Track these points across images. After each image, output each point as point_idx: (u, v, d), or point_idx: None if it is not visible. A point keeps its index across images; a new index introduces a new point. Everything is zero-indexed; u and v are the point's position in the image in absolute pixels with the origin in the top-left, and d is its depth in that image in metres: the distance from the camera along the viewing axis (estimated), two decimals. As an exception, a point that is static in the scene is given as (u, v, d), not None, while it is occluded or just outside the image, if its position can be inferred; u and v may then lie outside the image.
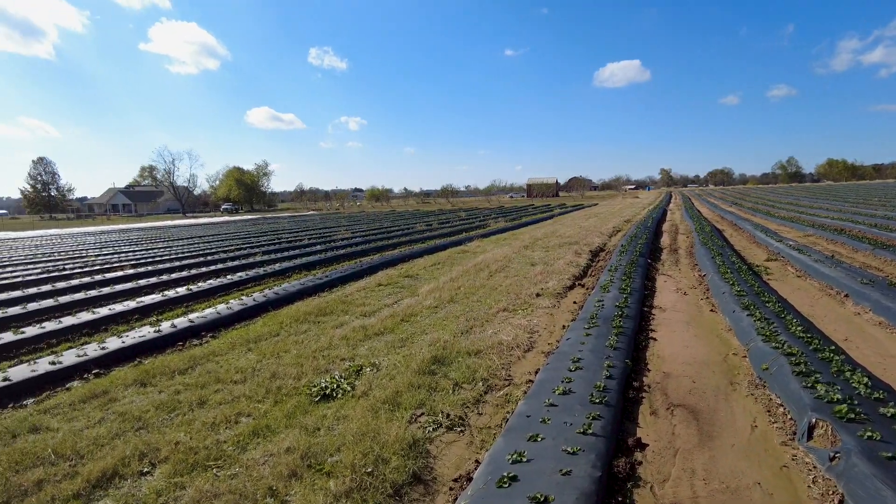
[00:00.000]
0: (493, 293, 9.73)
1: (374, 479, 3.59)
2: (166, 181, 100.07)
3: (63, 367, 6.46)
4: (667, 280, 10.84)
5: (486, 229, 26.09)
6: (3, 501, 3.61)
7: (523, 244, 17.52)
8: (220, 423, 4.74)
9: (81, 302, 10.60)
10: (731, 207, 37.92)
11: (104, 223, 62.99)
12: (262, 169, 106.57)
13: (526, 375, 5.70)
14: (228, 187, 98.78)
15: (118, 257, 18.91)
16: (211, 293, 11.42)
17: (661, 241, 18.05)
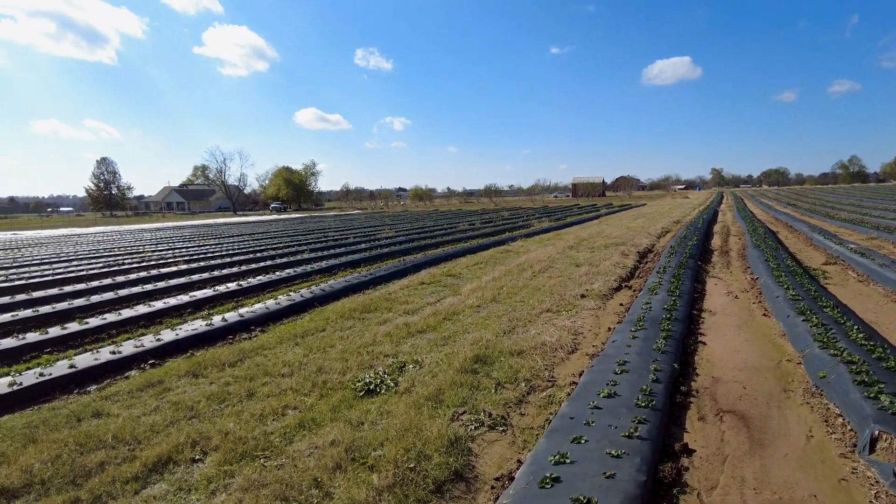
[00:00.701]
0: (537, 293, 9.66)
1: (416, 474, 3.62)
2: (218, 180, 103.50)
3: (122, 357, 6.78)
4: (717, 283, 10.52)
5: (529, 229, 25.89)
6: (70, 480, 3.82)
7: (568, 244, 17.31)
8: (268, 414, 4.88)
9: (139, 295, 11.09)
10: (786, 209, 36.43)
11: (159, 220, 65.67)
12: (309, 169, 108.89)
13: (570, 377, 5.64)
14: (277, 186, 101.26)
15: (172, 253, 19.67)
16: (260, 289, 11.75)
17: (711, 242, 17.51)
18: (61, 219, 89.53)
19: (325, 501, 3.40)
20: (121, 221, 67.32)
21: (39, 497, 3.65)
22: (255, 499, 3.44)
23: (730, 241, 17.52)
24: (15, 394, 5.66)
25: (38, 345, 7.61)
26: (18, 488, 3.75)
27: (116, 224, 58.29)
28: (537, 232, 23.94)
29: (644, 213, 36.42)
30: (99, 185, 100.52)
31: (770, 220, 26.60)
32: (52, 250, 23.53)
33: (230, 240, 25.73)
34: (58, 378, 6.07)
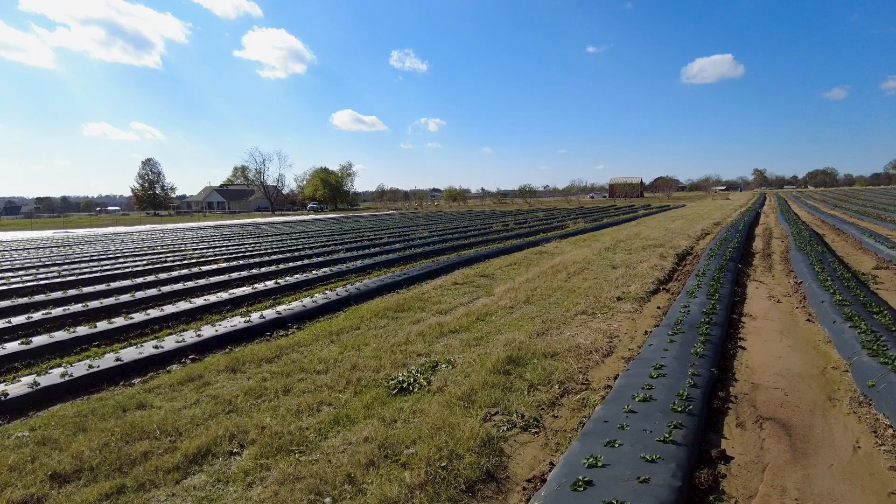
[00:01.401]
0: (571, 295, 9.57)
1: (448, 473, 3.64)
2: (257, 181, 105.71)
3: (164, 352, 7.01)
4: (758, 287, 10.22)
5: (564, 230, 25.65)
6: (116, 468, 3.98)
7: (604, 246, 17.08)
8: (304, 410, 4.98)
9: (180, 292, 11.44)
10: (833, 210, 35.11)
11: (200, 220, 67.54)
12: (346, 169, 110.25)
13: (604, 380, 5.57)
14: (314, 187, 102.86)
15: (213, 252, 20.21)
16: (297, 287, 11.97)
17: (753, 245, 17.02)
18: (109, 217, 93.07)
19: (358, 497, 3.45)
20: (164, 220, 69.53)
21: (89, 482, 3.82)
22: (290, 492, 3.51)
23: (772, 244, 17.00)
24: (66, 384, 5.92)
25: (87, 338, 7.93)
26: (70, 473, 3.93)
27: (160, 223, 60.22)
28: (573, 233, 23.69)
29: (683, 215, 35.63)
30: (144, 184, 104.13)
31: (816, 223, 25.68)
32: (100, 248, 24.47)
33: (268, 239, 26.27)
34: (105, 370, 6.32)
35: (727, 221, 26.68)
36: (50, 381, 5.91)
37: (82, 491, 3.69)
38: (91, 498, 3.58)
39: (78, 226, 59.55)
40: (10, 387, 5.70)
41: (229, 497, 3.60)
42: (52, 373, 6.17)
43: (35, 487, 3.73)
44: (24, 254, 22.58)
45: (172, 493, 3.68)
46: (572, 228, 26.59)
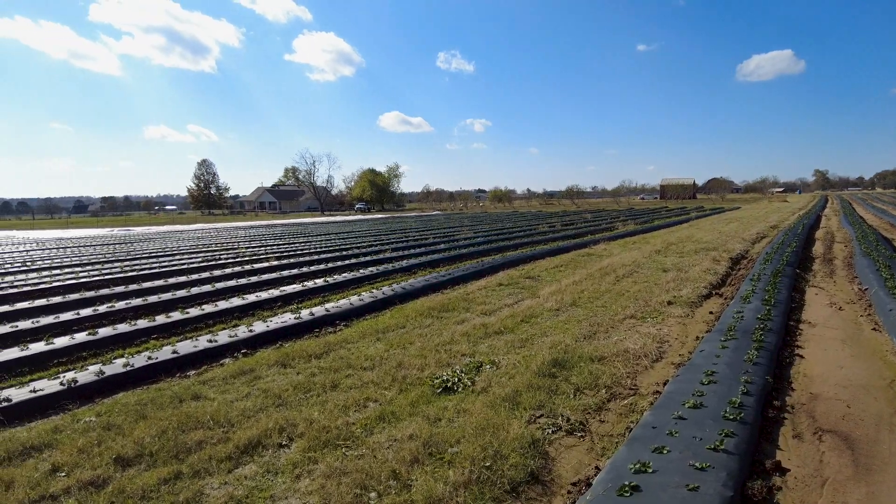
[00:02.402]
0: (620, 299, 9.39)
1: (492, 473, 3.65)
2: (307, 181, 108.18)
3: (218, 346, 7.28)
4: (818, 293, 9.76)
5: (613, 232, 25.19)
6: (173, 455, 4.17)
7: (654, 249, 16.68)
8: (350, 405, 5.07)
9: (233, 289, 11.84)
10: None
11: (253, 219, 69.65)
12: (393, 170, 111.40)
13: (653, 386, 5.45)
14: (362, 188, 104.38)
15: (264, 250, 20.82)
16: (344, 286, 12.20)
17: (812, 249, 16.27)
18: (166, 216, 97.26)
19: (403, 493, 3.49)
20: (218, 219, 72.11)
21: (149, 467, 4.01)
22: (337, 486, 3.59)
23: (834, 249, 16.20)
24: (128, 374, 6.24)
25: (147, 331, 8.32)
26: (132, 457, 4.14)
27: (214, 222, 62.48)
28: (622, 235, 23.23)
29: (738, 217, 34.39)
30: (199, 185, 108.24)
31: (884, 227, 24.31)
32: (158, 245, 25.58)
33: (317, 238, 26.85)
34: (163, 362, 6.62)
35: (785, 225, 25.60)
36: (114, 370, 6.23)
37: (143, 475, 3.88)
38: (151, 482, 3.76)
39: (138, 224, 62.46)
40: (79, 374, 6.05)
41: (278, 488, 3.71)
42: (116, 363, 6.51)
43: (101, 469, 3.95)
44: (90, 250, 23.85)
45: (225, 481, 3.82)
46: (621, 230, 26.08)
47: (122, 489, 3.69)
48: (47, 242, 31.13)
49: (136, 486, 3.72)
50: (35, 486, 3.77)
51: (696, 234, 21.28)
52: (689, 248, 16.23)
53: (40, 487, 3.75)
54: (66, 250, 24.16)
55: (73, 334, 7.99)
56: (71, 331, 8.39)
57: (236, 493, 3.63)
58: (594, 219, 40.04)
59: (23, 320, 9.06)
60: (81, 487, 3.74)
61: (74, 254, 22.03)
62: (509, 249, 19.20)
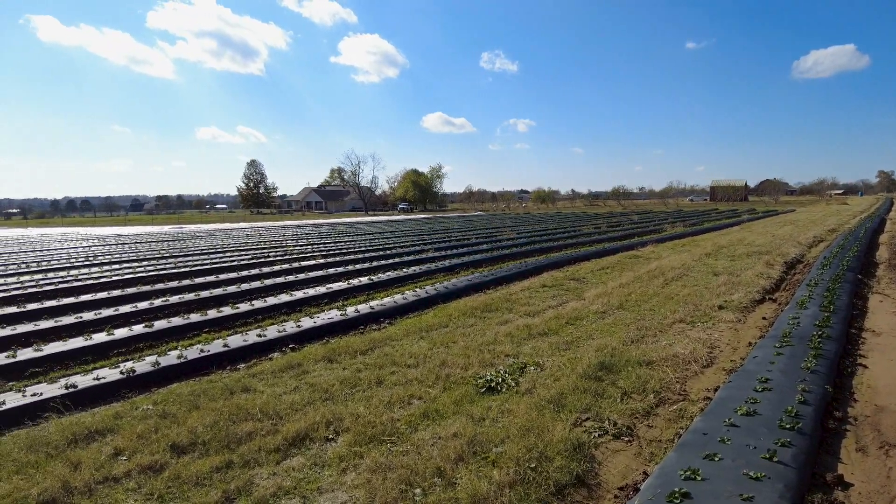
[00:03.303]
0: (669, 302, 9.16)
1: (537, 474, 3.61)
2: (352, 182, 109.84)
3: (267, 340, 7.47)
4: (883, 300, 9.27)
5: (661, 234, 24.59)
6: (225, 444, 4.30)
7: (704, 251, 16.19)
8: (395, 402, 5.12)
9: (281, 285, 12.13)
10: (978, 218, 31.12)
11: (300, 218, 71.21)
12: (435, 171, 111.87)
13: (703, 392, 5.30)
14: (405, 188, 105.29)
15: (311, 248, 21.25)
16: (388, 284, 12.33)
17: (876, 254, 15.47)
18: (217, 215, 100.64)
19: (448, 490, 3.50)
20: (266, 218, 74.07)
21: (202, 455, 4.15)
22: (382, 481, 3.63)
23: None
24: (181, 365, 6.48)
25: (199, 325, 8.62)
26: (186, 445, 4.30)
27: (262, 220, 64.19)
28: (670, 237, 22.66)
29: (793, 220, 33.02)
30: (249, 184, 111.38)
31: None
32: (209, 242, 26.47)
33: (361, 238, 27.24)
34: (214, 355, 6.85)
35: (844, 228, 24.43)
36: (168, 361, 6.49)
37: (196, 462, 4.02)
38: (204, 469, 3.89)
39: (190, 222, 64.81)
40: (137, 364, 6.32)
41: (325, 481, 3.77)
42: (170, 354, 6.77)
43: (158, 455, 4.11)
44: (146, 246, 24.89)
45: (273, 472, 3.92)
46: (670, 232, 25.44)
47: (178, 475, 3.84)
48: (107, 239, 32.68)
49: (190, 473, 3.85)
50: (99, 467, 3.96)
51: (748, 238, 20.55)
52: (740, 252, 15.69)
53: (104, 469, 3.93)
54: (124, 246, 25.29)
55: (131, 326, 8.35)
56: (129, 323, 8.77)
57: (284, 484, 3.72)
58: (641, 220, 39.18)
59: (86, 312, 9.54)
60: (141, 471, 3.91)
61: (132, 250, 23.03)
62: (553, 251, 19.01)
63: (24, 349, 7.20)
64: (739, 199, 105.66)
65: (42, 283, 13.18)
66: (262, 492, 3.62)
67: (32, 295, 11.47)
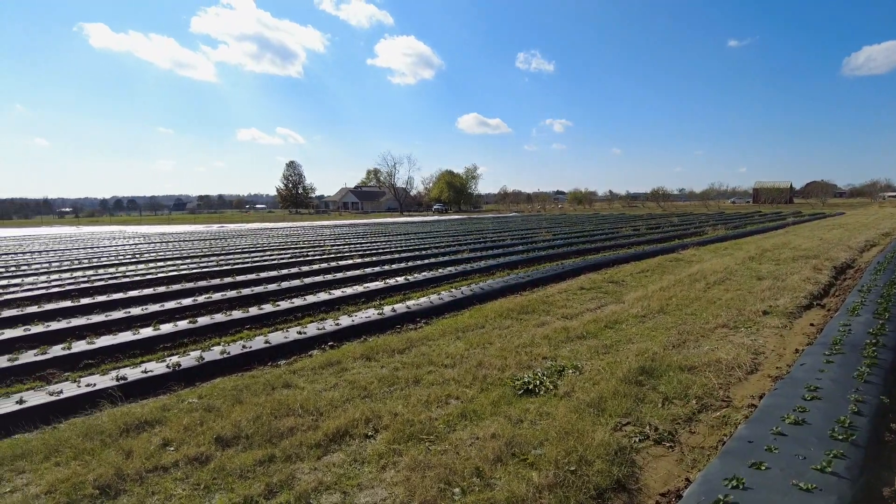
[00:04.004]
0: (711, 307, 8.94)
1: (577, 478, 3.58)
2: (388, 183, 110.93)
3: (307, 337, 7.60)
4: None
5: (702, 237, 24.02)
6: (267, 439, 4.40)
7: (748, 255, 15.74)
8: (433, 401, 5.15)
9: (320, 284, 12.33)
10: None
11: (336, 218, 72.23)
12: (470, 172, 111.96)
13: (747, 399, 5.16)
14: (440, 189, 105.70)
15: (348, 248, 21.53)
16: (424, 284, 12.40)
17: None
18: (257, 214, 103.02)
19: (486, 491, 3.50)
20: (304, 218, 75.39)
21: (245, 449, 4.25)
22: (421, 479, 3.65)
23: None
24: (224, 360, 6.65)
25: (241, 321, 8.83)
26: (230, 438, 4.41)
27: (300, 220, 65.34)
28: (711, 240, 22.10)
29: (842, 224, 31.77)
30: (287, 185, 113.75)
31: None
32: (249, 241, 27.08)
33: (397, 238, 27.44)
34: (256, 351, 7.01)
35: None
36: (212, 356, 6.67)
37: (240, 455, 4.12)
38: (248, 462, 3.99)
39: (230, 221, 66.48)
40: (182, 359, 6.52)
41: (365, 477, 3.82)
42: (214, 350, 6.96)
43: (204, 447, 4.23)
44: (189, 245, 25.63)
45: (314, 467, 3.99)
46: (711, 235, 24.83)
47: (223, 467, 3.94)
48: (152, 237, 33.80)
49: (234, 465, 3.95)
50: (149, 457, 4.10)
51: (793, 241, 19.88)
52: (786, 256, 15.20)
53: (154, 459, 4.07)
54: (168, 245, 26.11)
55: (176, 322, 8.63)
56: (174, 318, 9.05)
57: (325, 479, 3.78)
58: (681, 222, 38.34)
59: (134, 307, 9.89)
60: (188, 462, 4.03)
61: (175, 248, 23.76)
62: (590, 252, 18.77)
63: (78, 342, 7.52)
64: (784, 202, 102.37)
65: (93, 279, 13.72)
66: (303, 486, 3.69)
67: (85, 290, 11.95)
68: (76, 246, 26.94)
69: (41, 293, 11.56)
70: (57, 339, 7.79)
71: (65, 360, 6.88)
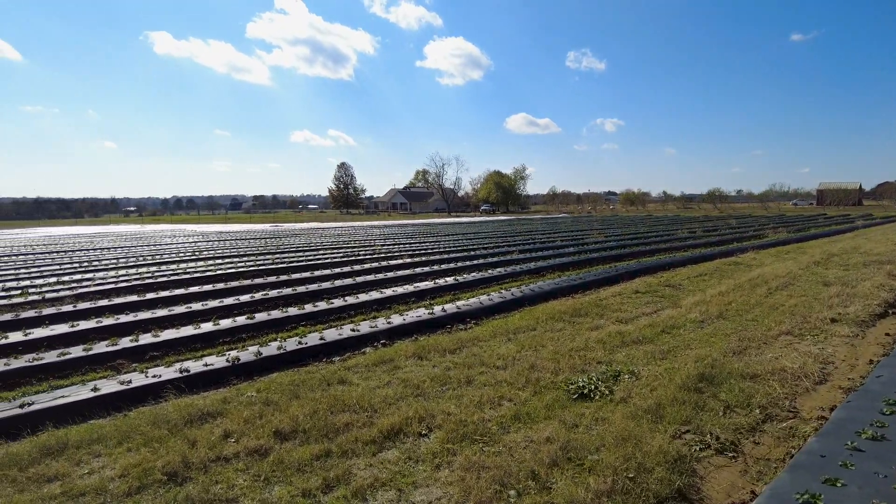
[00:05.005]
0: (773, 313, 8.56)
1: (635, 485, 3.49)
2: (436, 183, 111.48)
3: (360, 335, 7.72)
4: None
5: (761, 240, 23.04)
6: (323, 434, 4.49)
7: (813, 259, 15.00)
8: (485, 402, 5.13)
9: (371, 283, 12.50)
10: None
11: (385, 218, 73.13)
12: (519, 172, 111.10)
13: (816, 411, 4.90)
14: (488, 190, 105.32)
15: (398, 248, 21.74)
16: (473, 285, 12.38)
17: None
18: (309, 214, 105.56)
19: (543, 494, 3.46)
20: (354, 218, 76.73)
21: (302, 443, 4.36)
22: (476, 479, 3.64)
23: None
24: (281, 356, 6.83)
25: (296, 318, 9.04)
26: (288, 432, 4.52)
27: (351, 220, 66.52)
28: (772, 244, 21.17)
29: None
30: (339, 185, 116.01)
31: None
32: (303, 241, 27.75)
33: (446, 238, 27.53)
34: (311, 347, 7.16)
35: (983, 237, 21.78)
36: (269, 352, 6.86)
37: (298, 449, 4.22)
38: (306, 456, 4.08)
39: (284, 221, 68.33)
40: (241, 353, 6.74)
41: (419, 475, 3.84)
42: (271, 345, 7.16)
43: (263, 440, 4.36)
44: (245, 243, 26.49)
45: (370, 463, 4.04)
46: (772, 238, 23.79)
47: (282, 460, 4.05)
48: (210, 235, 35.11)
49: (293, 459, 4.05)
50: (212, 447, 4.25)
51: (864, 245, 18.80)
52: (855, 261, 14.39)
53: (216, 449, 4.22)
54: (225, 243, 27.06)
55: (235, 317, 8.92)
56: (232, 314, 9.37)
57: (381, 476, 3.83)
58: (739, 225, 36.91)
59: (195, 302, 10.29)
60: (248, 454, 4.16)
61: (232, 246, 24.60)
62: (645, 255, 18.31)
63: (144, 334, 7.88)
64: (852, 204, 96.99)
65: (157, 274, 14.38)
66: (359, 482, 3.74)
67: (149, 286, 12.52)
68: (141, 243, 28.29)
69: (111, 287, 12.18)
70: (125, 332, 8.19)
71: (133, 352, 7.23)
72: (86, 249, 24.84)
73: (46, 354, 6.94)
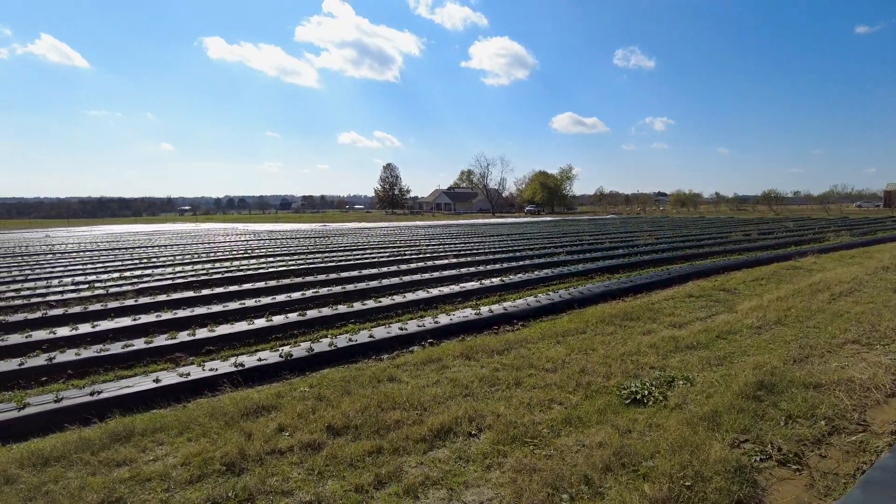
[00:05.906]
0: (837, 320, 8.16)
1: (693, 494, 3.39)
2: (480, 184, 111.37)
3: (408, 334, 7.79)
4: None
5: (822, 243, 21.99)
6: (374, 430, 4.55)
7: (881, 264, 14.21)
8: (535, 405, 5.08)
9: (418, 282, 12.59)
10: None
11: (430, 219, 73.51)
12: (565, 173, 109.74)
13: (889, 425, 4.64)
14: (533, 190, 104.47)
15: (443, 248, 21.82)
16: (520, 286, 12.30)
17: None
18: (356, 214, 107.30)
19: (596, 499, 3.40)
20: (400, 218, 77.49)
21: (354, 439, 4.43)
22: (528, 482, 3.62)
23: None
24: (332, 352, 6.96)
25: (346, 315, 9.20)
26: (340, 428, 4.61)
27: (396, 220, 67.20)
28: (835, 247, 20.18)
29: None
30: (384, 186, 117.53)
31: None
32: (350, 240, 28.19)
33: (491, 239, 27.45)
34: (360, 344, 7.27)
35: None
36: (320, 348, 7.00)
37: (350, 445, 4.29)
38: (358, 452, 4.15)
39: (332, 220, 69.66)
40: (293, 349, 6.91)
41: (470, 475, 3.84)
42: (322, 342, 7.30)
43: (316, 435, 4.45)
44: (295, 242, 27.13)
45: (421, 461, 4.07)
46: (834, 242, 22.67)
47: (334, 455, 4.12)
48: (261, 234, 36.11)
49: (345, 454, 4.12)
50: (267, 440, 4.37)
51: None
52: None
53: (271, 442, 4.34)
54: (276, 241, 27.78)
55: (287, 314, 9.14)
56: (284, 311, 9.60)
57: (431, 475, 3.84)
58: (798, 228, 35.33)
59: (248, 299, 10.60)
60: (302, 448, 4.26)
61: (283, 245, 25.23)
62: (698, 258, 17.76)
63: (201, 329, 8.18)
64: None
65: (211, 271, 14.89)
66: (410, 479, 3.77)
67: (205, 282, 12.99)
68: (195, 241, 29.37)
69: (169, 283, 12.70)
70: (183, 326, 8.52)
71: (190, 345, 7.51)
72: (144, 246, 25.99)
73: (112, 346, 7.30)
